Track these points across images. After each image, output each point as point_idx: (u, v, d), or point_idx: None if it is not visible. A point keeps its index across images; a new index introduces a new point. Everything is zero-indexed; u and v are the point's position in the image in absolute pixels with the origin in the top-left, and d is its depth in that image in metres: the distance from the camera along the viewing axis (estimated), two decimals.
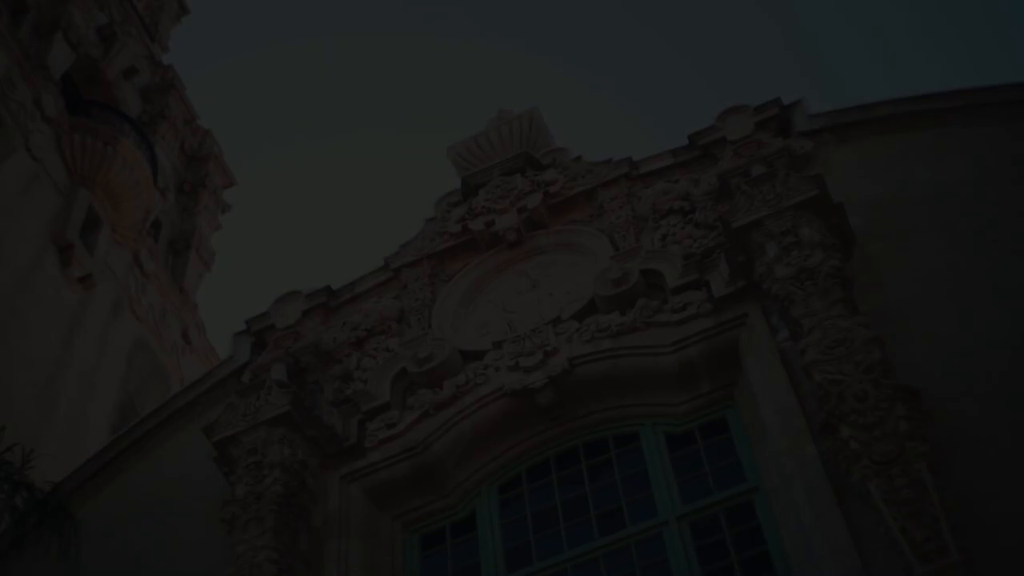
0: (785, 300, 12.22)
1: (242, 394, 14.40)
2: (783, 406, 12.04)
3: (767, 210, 12.95)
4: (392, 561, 13.53)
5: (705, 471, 12.80)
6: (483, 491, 13.86)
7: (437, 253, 15.97)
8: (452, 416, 14.00)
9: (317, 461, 14.09)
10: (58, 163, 27.83)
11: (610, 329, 13.76)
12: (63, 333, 25.96)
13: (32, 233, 25.99)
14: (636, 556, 12.35)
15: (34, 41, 29.36)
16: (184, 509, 14.64)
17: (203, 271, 33.53)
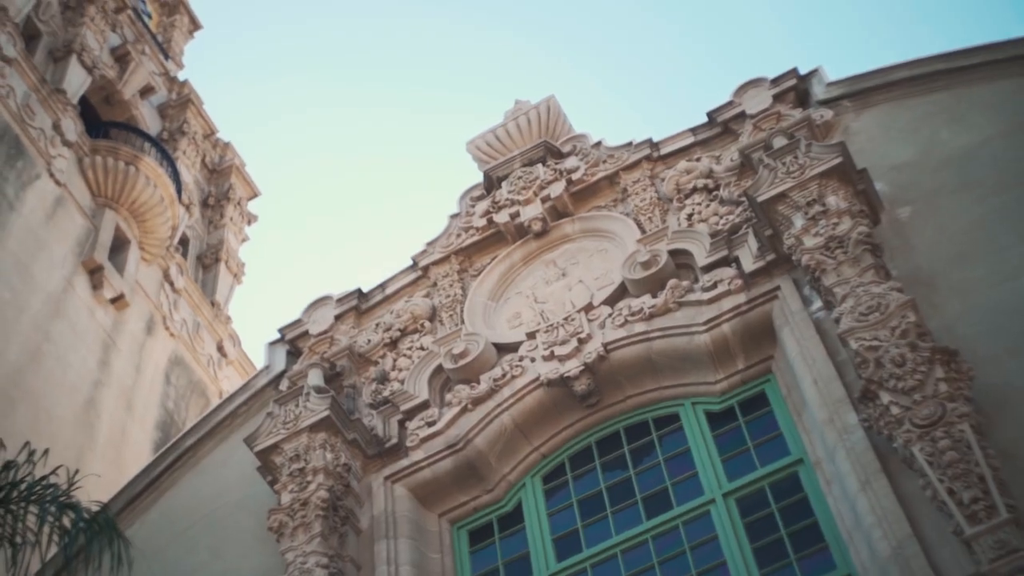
0: (816, 270, 12.19)
1: (281, 402, 14.45)
2: (821, 376, 12.01)
3: (791, 182, 12.92)
4: (441, 559, 13.56)
5: (748, 447, 12.79)
6: (527, 482, 13.88)
7: (464, 248, 16.00)
8: (491, 410, 14.02)
9: (360, 463, 14.15)
10: (81, 186, 27.93)
11: (642, 312, 13.75)
12: (99, 354, 26.08)
13: (60, 257, 26.10)
14: (685, 536, 12.36)
15: (49, 66, 29.48)
16: (231, 520, 14.71)
17: (234, 283, 33.58)
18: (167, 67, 36.18)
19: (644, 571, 12.32)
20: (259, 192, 36.60)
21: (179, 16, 39.92)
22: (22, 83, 26.97)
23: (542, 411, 13.96)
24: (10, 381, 22.86)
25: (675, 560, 12.25)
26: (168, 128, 34.12)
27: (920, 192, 13.33)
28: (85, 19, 31.11)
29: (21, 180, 25.74)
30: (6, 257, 24.25)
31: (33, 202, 25.87)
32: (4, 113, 25.92)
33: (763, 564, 11.71)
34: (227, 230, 34.15)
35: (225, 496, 15.06)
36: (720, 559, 11.94)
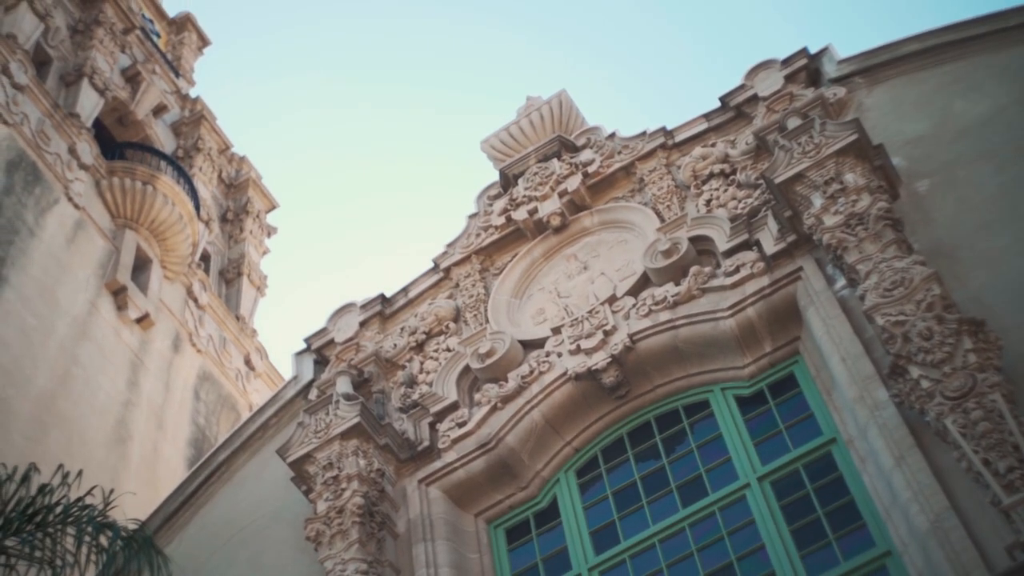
0: (838, 248, 12.15)
1: (311, 412, 14.49)
2: (849, 354, 11.98)
3: (808, 161, 12.88)
4: (480, 558, 13.57)
5: (780, 429, 12.78)
6: (561, 477, 13.88)
7: (484, 248, 16.01)
8: (521, 407, 14.02)
9: (393, 468, 14.18)
10: (100, 208, 28.04)
11: (666, 301, 13.74)
12: (127, 375, 26.17)
13: (84, 280, 26.20)
14: (722, 522, 12.35)
15: (61, 90, 29.60)
16: (268, 532, 14.75)
17: (257, 296, 33.67)
18: (178, 85, 36.30)
19: (683, 559, 12.32)
20: (277, 204, 36.69)
21: (187, 33, 40.03)
22: (35, 109, 27.09)
23: (572, 405, 13.96)
24: (41, 406, 22.96)
25: (713, 547, 12.24)
26: (183, 145, 34.23)
27: (938, 164, 13.29)
28: (94, 42, 31.23)
29: (40, 206, 25.85)
30: (30, 283, 24.35)
31: (53, 227, 25.98)
32: (19, 140, 26.03)
33: (802, 546, 11.69)
34: (247, 243, 34.25)
35: (261, 508, 15.10)
36: (758, 543, 11.93)
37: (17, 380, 22.72)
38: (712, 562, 12.11)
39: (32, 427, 22.37)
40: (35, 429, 22.38)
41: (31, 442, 21.74)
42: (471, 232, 16.26)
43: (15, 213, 24.92)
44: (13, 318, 23.49)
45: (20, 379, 22.81)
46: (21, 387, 22.73)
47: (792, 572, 11.52)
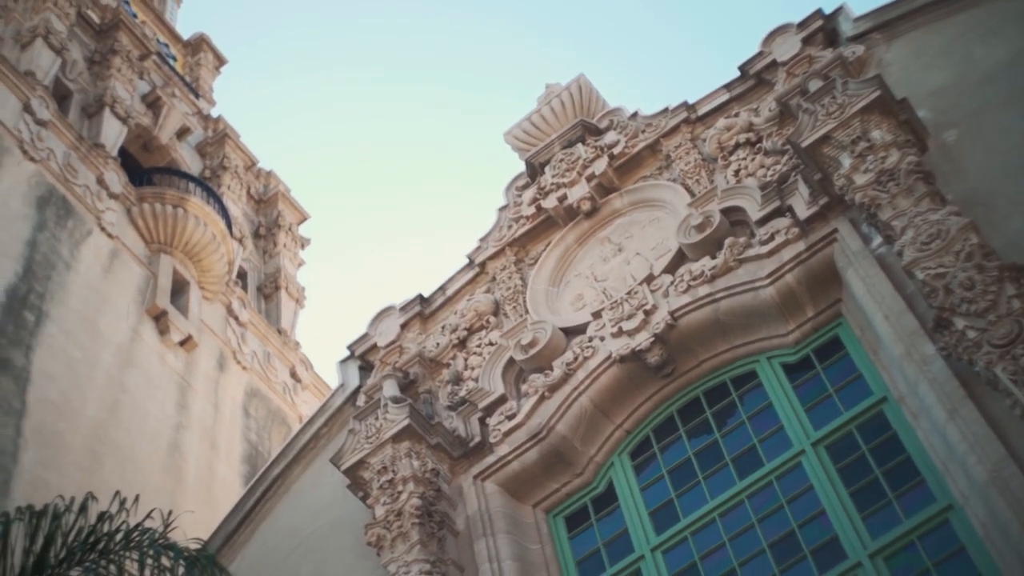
0: (871, 206, 12.09)
1: (360, 418, 14.53)
2: (892, 311, 11.92)
3: (833, 122, 12.81)
4: (542, 548, 13.59)
5: (829, 393, 12.74)
6: (615, 461, 13.88)
7: (517, 239, 16.00)
8: (568, 394, 14.02)
9: (447, 466, 14.21)
10: (134, 235, 28.18)
11: (704, 275, 13.70)
12: (176, 398, 26.30)
13: (124, 309, 26.34)
14: (780, 491, 12.33)
15: (84, 122, 29.74)
16: (329, 541, 14.80)
17: (297, 308, 33.76)
18: (199, 106, 36.43)
19: (744, 531, 12.30)
20: (307, 215, 36.77)
21: (203, 54, 40.17)
22: (60, 143, 27.24)
23: (619, 388, 13.95)
24: (93, 437, 23.11)
25: (774, 516, 12.23)
26: (209, 166, 34.35)
27: (963, 113, 13.19)
28: (112, 71, 31.36)
29: (74, 239, 26.01)
30: (71, 316, 24.51)
31: (89, 258, 26.13)
32: (47, 175, 26.20)
33: (862, 507, 11.67)
34: (282, 257, 34.36)
35: (320, 518, 15.15)
36: (818, 508, 11.90)
37: (67, 413, 22.88)
38: (774, 531, 12.09)
39: (86, 458, 22.52)
40: (89, 460, 22.53)
41: (86, 473, 21.89)
42: (502, 225, 16.26)
43: (50, 248, 25.08)
44: (58, 352, 23.64)
45: (70, 412, 22.96)
46: (72, 420, 22.88)
47: (855, 535, 11.49)
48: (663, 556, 12.73)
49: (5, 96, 26.57)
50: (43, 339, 23.49)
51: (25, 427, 21.77)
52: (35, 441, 21.78)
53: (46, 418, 22.30)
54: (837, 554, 11.55)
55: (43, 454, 21.77)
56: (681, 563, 12.56)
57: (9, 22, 30.13)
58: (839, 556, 11.52)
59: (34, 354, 23.03)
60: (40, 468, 21.45)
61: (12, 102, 26.62)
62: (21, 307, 23.43)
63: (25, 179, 25.61)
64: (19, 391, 22.17)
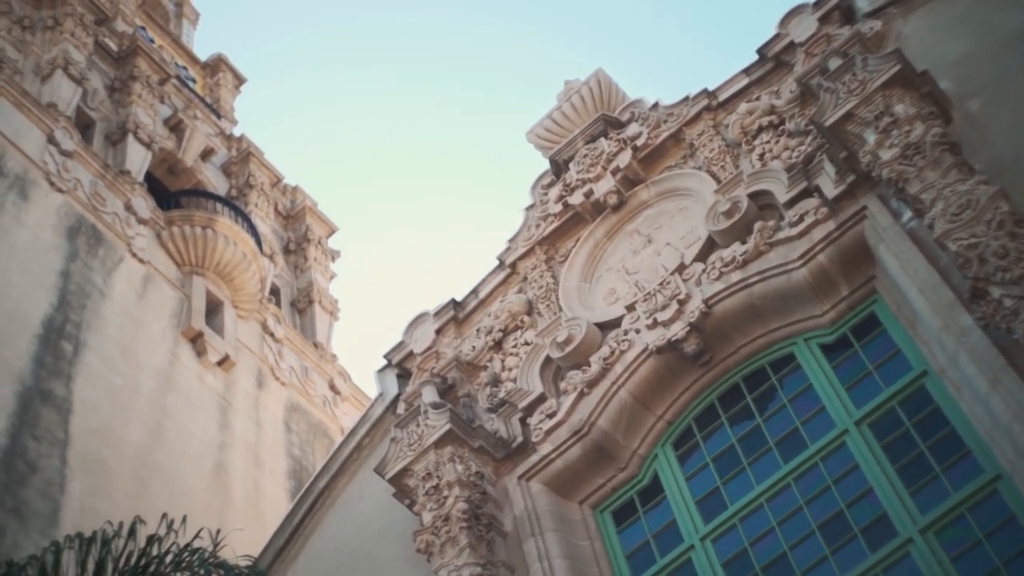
0: (899, 181, 12.04)
1: (401, 426, 14.55)
2: (927, 285, 11.86)
3: (855, 100, 12.75)
4: (591, 544, 13.59)
5: (869, 370, 12.69)
6: (659, 452, 13.86)
7: (546, 237, 15.99)
8: (607, 389, 14.01)
9: (491, 468, 14.22)
10: (165, 259, 28.32)
11: (735, 261, 13.66)
12: (217, 418, 26.42)
13: (160, 332, 26.48)
14: (826, 472, 12.29)
15: (108, 149, 29.91)
16: (379, 550, 14.82)
17: (331, 321, 33.85)
18: (221, 126, 36.57)
19: (793, 514, 12.27)
20: (336, 228, 36.86)
21: (222, 74, 40.32)
22: (86, 173, 27.40)
23: (657, 380, 13.93)
24: (138, 462, 23.23)
25: (821, 497, 12.20)
26: (235, 184, 34.48)
27: (986, 81, 13.11)
28: (133, 97, 31.52)
29: (106, 266, 26.16)
30: (108, 344, 24.64)
31: (122, 285, 26.27)
32: (76, 205, 26.35)
33: (909, 483, 11.62)
34: (313, 271, 34.46)
35: (368, 528, 15.18)
36: (866, 487, 11.86)
37: (111, 440, 23.00)
38: (822, 512, 12.06)
39: (132, 484, 22.64)
40: (136, 485, 22.64)
41: (133, 498, 22.00)
42: (530, 224, 16.25)
43: (83, 277, 25.22)
44: (98, 380, 23.77)
45: (114, 439, 23.09)
46: (116, 446, 23.01)
47: (904, 511, 11.44)
48: (713, 545, 12.71)
49: (29, 129, 26.75)
50: (82, 368, 23.63)
51: (70, 457, 21.91)
52: (81, 470, 21.91)
53: (90, 446, 22.43)
54: (887, 531, 11.51)
55: (90, 482, 21.90)
56: (731, 550, 12.54)
57: (28, 55, 30.32)
58: (889, 533, 11.48)
59: (74, 384, 23.17)
60: (88, 496, 21.58)
61: (36, 134, 26.79)
62: (58, 338, 23.58)
63: (54, 210, 25.77)
64: (62, 421, 22.31)
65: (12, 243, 24.15)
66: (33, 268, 24.22)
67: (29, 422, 21.60)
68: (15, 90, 27.11)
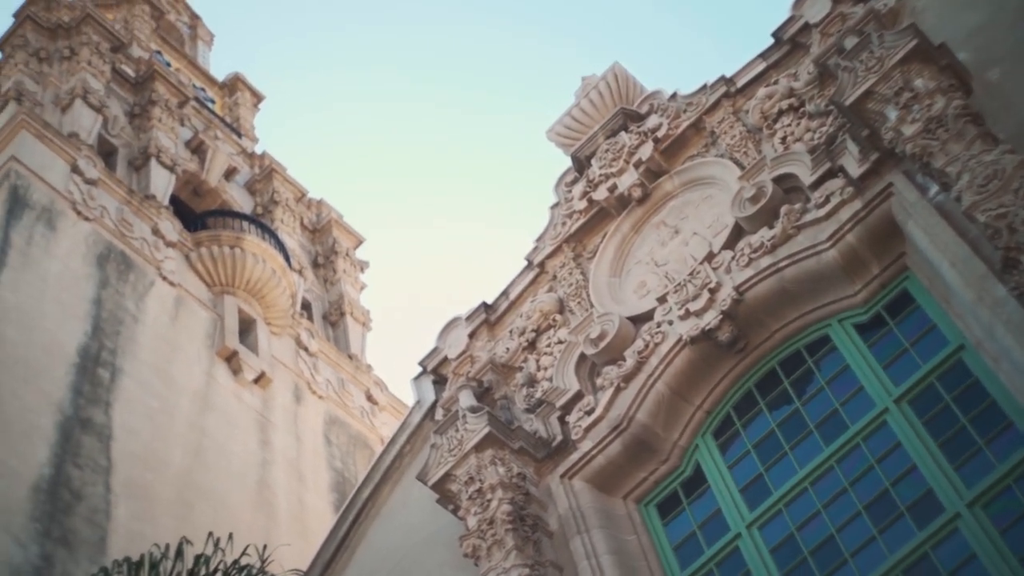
0: (923, 156, 11.98)
1: (440, 432, 14.56)
2: (958, 258, 11.80)
3: (873, 77, 12.69)
4: (637, 539, 13.57)
5: (906, 348, 12.63)
6: (699, 443, 13.83)
7: (573, 234, 15.97)
8: (644, 382, 13.99)
9: (533, 469, 14.21)
10: (195, 281, 28.48)
11: (764, 246, 13.62)
12: (257, 435, 26.55)
13: (195, 354, 26.62)
14: (868, 452, 12.25)
15: (132, 175, 30.10)
16: (426, 558, 14.84)
17: (364, 331, 33.97)
18: (243, 145, 36.73)
19: (838, 496, 12.24)
20: (363, 239, 36.97)
21: (240, 93, 40.50)
22: (112, 200, 27.56)
23: (693, 370, 13.91)
24: (182, 484, 23.35)
25: (865, 477, 12.16)
26: (260, 202, 34.64)
27: (1004, 50, 13.03)
28: (153, 122, 31.69)
29: (137, 291, 26.29)
30: (144, 368, 24.77)
31: (155, 309, 26.42)
32: (103, 232, 26.51)
33: (953, 458, 11.58)
34: (343, 283, 34.58)
35: (413, 536, 15.20)
36: (909, 464, 11.82)
37: (153, 464, 23.13)
38: (868, 493, 12.02)
39: (177, 506, 22.75)
40: (180, 507, 22.75)
41: (179, 520, 22.11)
42: (556, 222, 16.25)
43: (116, 304, 25.36)
44: (137, 405, 23.91)
45: (155, 462, 23.22)
46: (158, 470, 23.13)
47: (949, 486, 11.40)
48: (759, 532, 12.69)
49: (52, 160, 26.93)
50: (120, 394, 23.77)
51: (114, 483, 22.04)
52: (125, 495, 22.05)
53: (133, 471, 22.56)
54: (934, 508, 11.47)
55: (134, 507, 22.02)
56: (779, 536, 12.51)
57: (47, 87, 30.53)
58: (936, 509, 11.43)
59: (113, 410, 23.32)
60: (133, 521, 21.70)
61: (60, 165, 26.97)
62: (95, 365, 23.72)
63: (82, 239, 25.93)
64: (104, 448, 22.45)
65: (43, 274, 24.32)
66: (65, 298, 24.38)
67: (71, 451, 21.74)
68: (36, 122, 27.30)
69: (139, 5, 39.64)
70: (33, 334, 23.03)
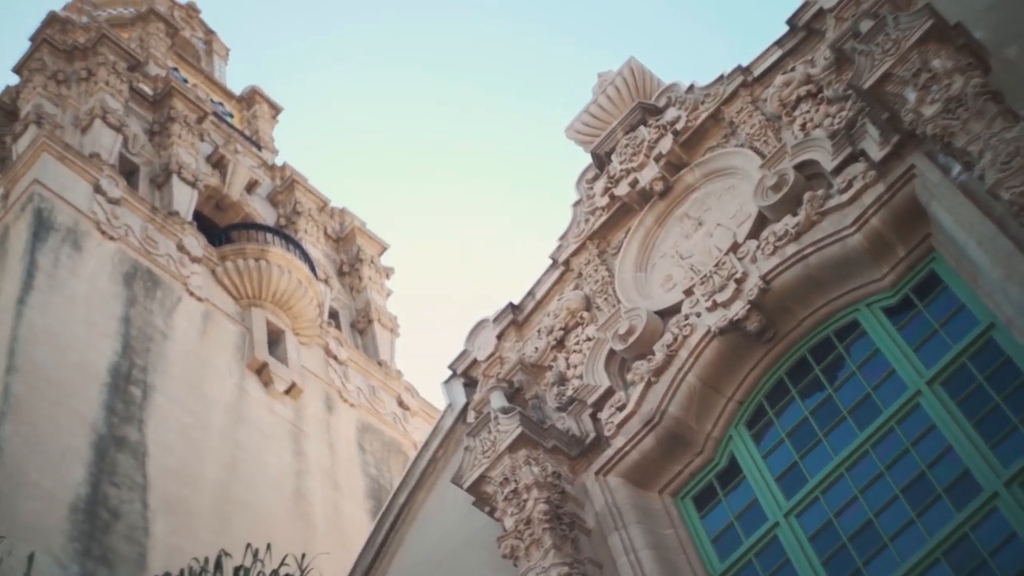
0: (944, 136, 11.94)
1: (473, 434, 14.57)
2: (984, 237, 11.76)
3: (891, 59, 12.65)
4: (675, 532, 13.56)
5: (936, 329, 12.59)
6: (733, 433, 13.81)
7: (596, 231, 15.97)
8: (674, 376, 13.98)
9: (567, 467, 14.21)
10: (222, 295, 28.58)
11: (788, 234, 13.59)
12: (291, 446, 26.62)
13: (225, 368, 26.71)
14: (903, 435, 12.22)
15: (154, 192, 30.21)
16: (465, 561, 14.85)
17: (392, 338, 34.03)
18: (263, 157, 36.83)
19: (875, 481, 12.21)
20: (387, 245, 37.03)
21: (258, 106, 40.62)
22: (136, 218, 27.67)
23: (723, 361, 13.89)
24: (218, 498, 23.42)
25: (901, 461, 12.13)
26: (283, 213, 34.73)
27: (1021, 26, 12.97)
28: (173, 138, 31.82)
29: (165, 308, 26.39)
30: (175, 384, 24.87)
31: (183, 325, 26.51)
32: (129, 251, 26.61)
33: (988, 437, 11.54)
34: (369, 290, 34.64)
35: (451, 539, 15.21)
36: (945, 446, 11.79)
37: (188, 479, 23.21)
38: (904, 476, 11.99)
39: (214, 520, 22.83)
40: (217, 521, 22.83)
41: (216, 534, 22.19)
42: (579, 220, 16.24)
43: (144, 321, 25.46)
44: (170, 421, 24.00)
45: (191, 477, 23.30)
46: (194, 484, 23.22)
47: (986, 466, 11.36)
48: (797, 520, 12.67)
49: (75, 181, 27.06)
50: (153, 411, 23.87)
51: (151, 499, 22.13)
52: (163, 511, 22.14)
53: (169, 487, 22.65)
54: (971, 488, 11.43)
55: (172, 522, 22.11)
56: (817, 523, 12.49)
57: (66, 109, 30.68)
58: (974, 490, 11.40)
59: (147, 427, 23.42)
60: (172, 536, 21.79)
61: (83, 186, 27.10)
62: (126, 383, 23.82)
63: (108, 258, 26.04)
64: (139, 465, 22.54)
65: (71, 295, 24.43)
66: (94, 317, 24.49)
67: (107, 470, 21.84)
68: (57, 144, 27.44)
69: (154, 23, 39.81)
70: (64, 355, 23.14)
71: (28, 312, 23.30)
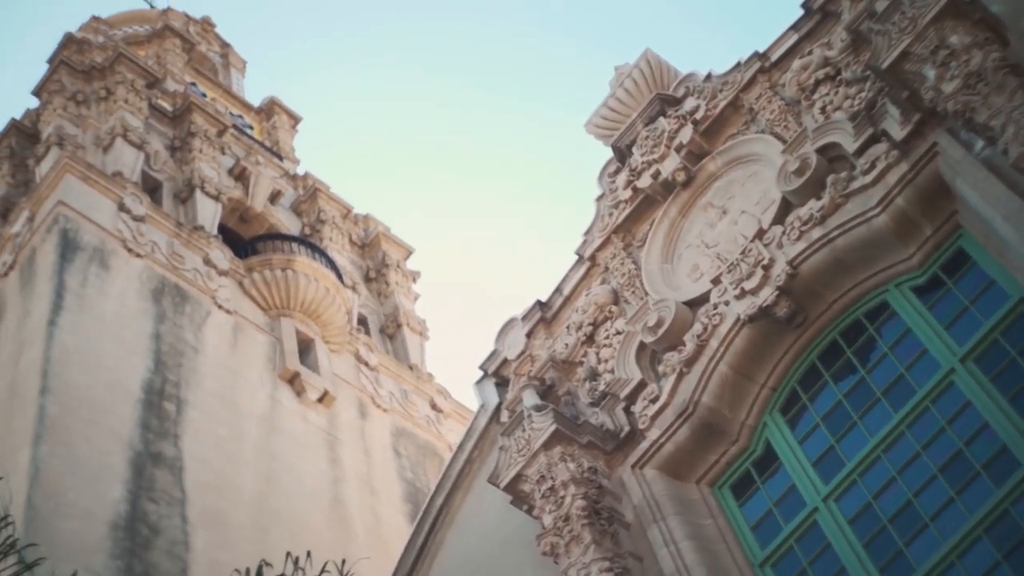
0: (965, 112, 11.88)
1: (507, 433, 14.57)
2: (1011, 211, 11.70)
3: (908, 38, 12.59)
4: (715, 522, 13.54)
5: (966, 306, 12.53)
6: (767, 420, 13.78)
7: (620, 224, 15.95)
8: (705, 366, 13.95)
9: (603, 462, 14.21)
10: (250, 306, 28.65)
11: (813, 218, 13.55)
12: (326, 453, 26.66)
13: (257, 379, 26.77)
14: (939, 414, 12.16)
15: (178, 207, 30.31)
16: (505, 561, 14.85)
17: (421, 341, 34.07)
18: (284, 167, 36.91)
19: (912, 461, 12.17)
20: (412, 249, 37.06)
21: (278, 116, 40.72)
22: (161, 234, 27.76)
23: (754, 349, 13.86)
24: (256, 510, 23.48)
25: (938, 440, 12.09)
26: (307, 223, 34.80)
27: None
28: (194, 153, 31.92)
29: (195, 323, 26.48)
30: (208, 398, 24.94)
31: (214, 338, 26.59)
32: (156, 267, 26.70)
33: None
34: (397, 295, 34.68)
35: (491, 540, 15.22)
36: (981, 422, 11.73)
37: (226, 492, 23.27)
38: (941, 455, 11.95)
39: (253, 531, 22.88)
40: (256, 532, 22.88)
41: (256, 544, 22.24)
42: (603, 214, 16.23)
43: (175, 336, 25.55)
44: (204, 435, 24.07)
45: (228, 490, 23.36)
46: (232, 498, 23.27)
47: (1023, 441, 11.30)
48: (836, 504, 12.63)
49: (99, 200, 27.17)
50: (187, 426, 23.94)
51: (190, 513, 22.20)
52: (201, 525, 22.20)
53: (207, 500, 22.71)
54: (1010, 464, 11.38)
55: (211, 536, 22.17)
56: (856, 506, 12.46)
57: (86, 129, 30.82)
58: (1012, 466, 11.35)
59: (182, 442, 23.49)
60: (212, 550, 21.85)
61: (107, 205, 27.21)
62: (160, 399, 23.90)
63: (136, 275, 26.14)
64: (177, 480, 22.61)
65: (100, 314, 24.53)
66: (125, 335, 24.58)
67: (145, 486, 21.92)
68: (80, 165, 27.56)
69: (170, 39, 39.94)
70: (96, 374, 23.23)
71: (59, 333, 23.40)
